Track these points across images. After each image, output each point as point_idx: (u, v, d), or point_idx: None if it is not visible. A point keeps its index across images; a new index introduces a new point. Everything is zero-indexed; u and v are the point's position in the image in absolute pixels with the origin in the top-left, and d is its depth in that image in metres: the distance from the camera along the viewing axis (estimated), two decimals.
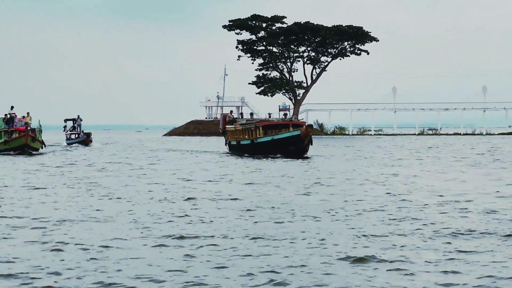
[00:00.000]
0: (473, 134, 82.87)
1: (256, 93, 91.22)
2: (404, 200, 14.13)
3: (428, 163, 28.68)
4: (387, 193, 15.83)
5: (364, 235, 9.62)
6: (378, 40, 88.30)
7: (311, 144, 35.41)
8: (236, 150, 39.79)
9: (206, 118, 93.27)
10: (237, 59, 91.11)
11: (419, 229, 9.99)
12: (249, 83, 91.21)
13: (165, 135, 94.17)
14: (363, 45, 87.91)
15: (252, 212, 12.60)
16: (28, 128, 40.74)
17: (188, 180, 20.22)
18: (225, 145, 42.82)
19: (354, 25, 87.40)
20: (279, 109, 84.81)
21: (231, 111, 46.35)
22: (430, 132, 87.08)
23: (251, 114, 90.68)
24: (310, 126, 37.14)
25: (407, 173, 22.82)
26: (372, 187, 17.38)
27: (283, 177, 21.04)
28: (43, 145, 41.23)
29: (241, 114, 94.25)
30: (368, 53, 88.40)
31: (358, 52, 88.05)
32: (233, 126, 41.23)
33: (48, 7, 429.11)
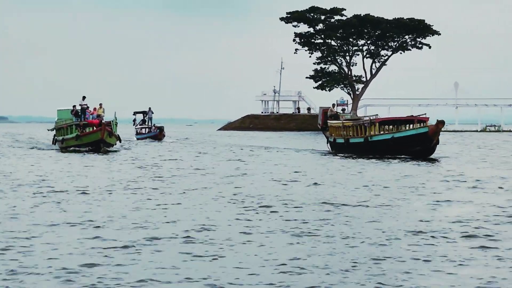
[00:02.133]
0: None
1: (314, 88, 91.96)
2: None
3: None
4: None
5: None
6: (440, 34, 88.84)
7: (438, 144, 32.21)
8: (344, 149, 35.89)
9: (262, 112, 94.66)
10: (294, 53, 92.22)
11: None
12: (307, 77, 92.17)
13: (219, 129, 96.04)
14: (425, 38, 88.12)
15: None
16: (104, 121, 37.70)
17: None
18: (327, 143, 39.02)
19: (415, 18, 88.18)
20: (336, 103, 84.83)
21: (333, 105, 41.76)
22: (492, 128, 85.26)
23: (308, 109, 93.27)
24: (442, 122, 32.13)
25: None
26: None
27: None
28: (119, 140, 38.39)
29: (298, 109, 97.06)
30: (430, 47, 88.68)
31: (420, 46, 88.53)
32: (341, 121, 37.40)
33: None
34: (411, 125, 32.56)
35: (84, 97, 40.19)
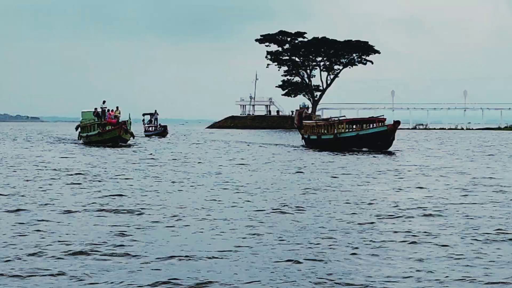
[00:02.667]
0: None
1: (282, 95, 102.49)
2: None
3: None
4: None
5: None
6: (380, 52, 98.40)
7: (394, 139, 32.81)
8: (316, 144, 36.30)
9: (241, 114, 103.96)
10: (266, 67, 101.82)
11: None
12: (276, 87, 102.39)
13: (207, 127, 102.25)
14: (368, 56, 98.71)
15: None
16: (120, 121, 38.90)
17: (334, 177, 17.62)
18: (301, 139, 39.77)
19: (361, 40, 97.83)
20: (300, 107, 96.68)
21: (307, 107, 43.12)
22: (421, 127, 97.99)
23: (277, 111, 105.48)
24: (398, 122, 33.16)
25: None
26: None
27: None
28: (133, 137, 39.18)
29: (269, 111, 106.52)
30: (372, 63, 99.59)
31: (364, 62, 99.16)
32: (314, 121, 38.16)
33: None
34: (373, 124, 33.16)
35: (104, 101, 41.81)
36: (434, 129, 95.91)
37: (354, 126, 34.34)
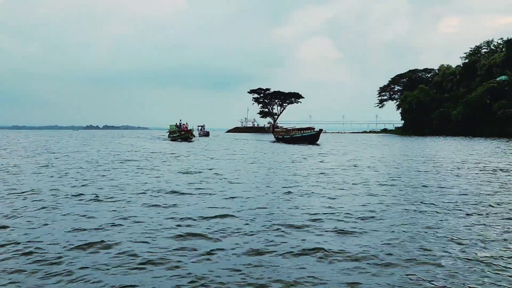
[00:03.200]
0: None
1: (260, 117, 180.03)
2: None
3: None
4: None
5: None
6: (304, 97, 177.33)
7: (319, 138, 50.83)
8: (281, 140, 55.91)
9: (241, 126, 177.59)
10: (252, 104, 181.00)
11: None
12: (257, 113, 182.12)
13: (226, 132, 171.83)
14: (299, 99, 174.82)
15: None
16: (189, 129, 64.15)
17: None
18: (274, 137, 61.59)
19: (294, 92, 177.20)
20: (270, 124, 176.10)
21: (277, 123, 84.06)
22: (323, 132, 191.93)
23: (257, 125, 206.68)
24: (321, 130, 50.53)
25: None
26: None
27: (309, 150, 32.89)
28: (194, 136, 64.33)
29: (253, 125, 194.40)
30: (301, 102, 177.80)
31: (297, 102, 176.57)
32: (280, 129, 61.08)
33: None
34: (310, 130, 52.65)
35: (180, 120, 68.50)
36: (332, 132, 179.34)
37: (300, 132, 52.04)
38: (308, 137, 54.98)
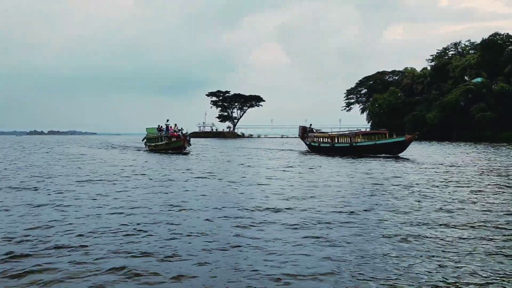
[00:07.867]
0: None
1: (218, 121, 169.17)
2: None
3: None
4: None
5: None
6: (265, 100, 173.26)
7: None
8: (317, 149, 43.86)
9: (198, 130, 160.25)
10: (211, 107, 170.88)
11: None
12: (216, 117, 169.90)
13: None
14: (260, 102, 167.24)
15: None
16: (180, 134, 48.16)
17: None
18: (306, 146, 49.46)
19: (256, 95, 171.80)
20: (227, 127, 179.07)
21: (310, 124, 54.53)
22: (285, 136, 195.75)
23: (216, 129, 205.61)
24: (416, 133, 40.61)
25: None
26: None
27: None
28: (190, 145, 49.23)
29: (212, 129, 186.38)
30: (262, 106, 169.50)
31: (259, 105, 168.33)
32: (316, 133, 47.20)
33: None
34: (385, 137, 40.35)
35: (168, 120, 50.98)
36: (290, 137, 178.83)
37: (370, 138, 40.76)
38: (387, 145, 39.22)
